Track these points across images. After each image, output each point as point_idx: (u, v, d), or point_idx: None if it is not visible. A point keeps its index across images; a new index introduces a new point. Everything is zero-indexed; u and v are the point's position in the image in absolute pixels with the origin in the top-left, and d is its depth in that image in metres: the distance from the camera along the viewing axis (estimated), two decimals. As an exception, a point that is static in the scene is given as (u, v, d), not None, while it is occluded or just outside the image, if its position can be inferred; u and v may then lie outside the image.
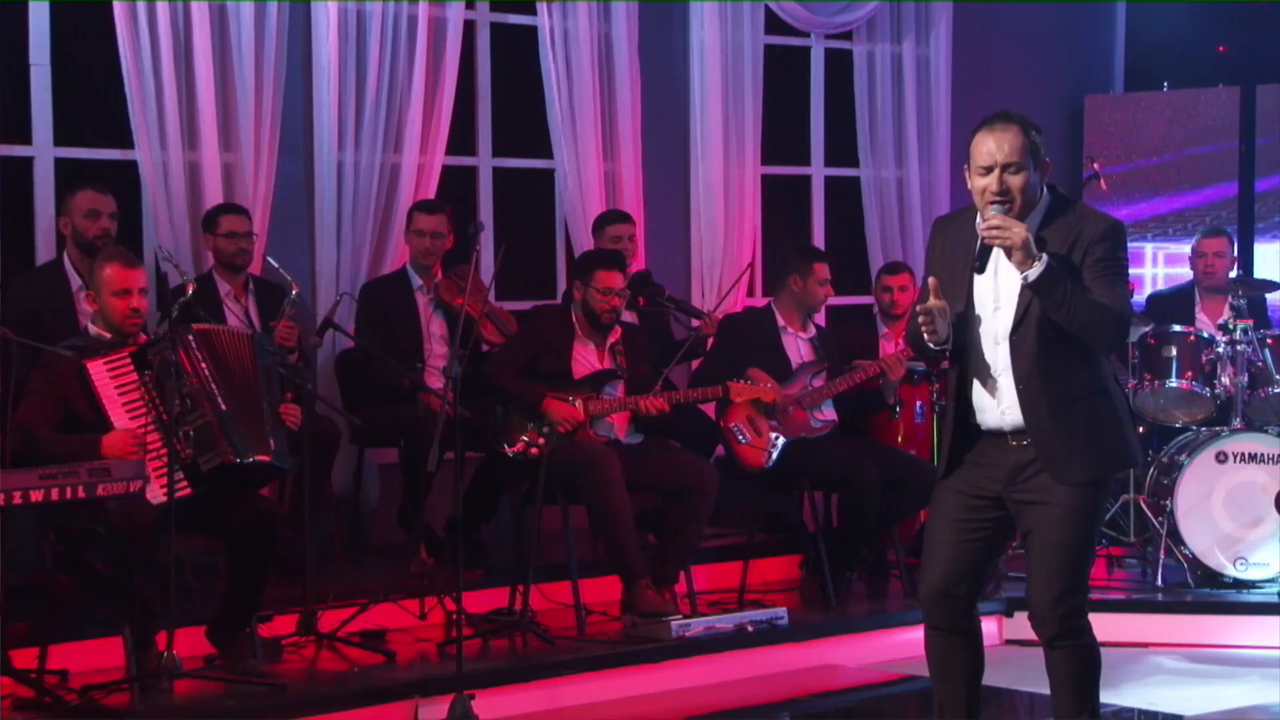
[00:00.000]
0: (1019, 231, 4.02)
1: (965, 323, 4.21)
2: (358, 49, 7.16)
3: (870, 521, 6.74)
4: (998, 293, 4.19)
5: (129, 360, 5.27)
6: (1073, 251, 4.09)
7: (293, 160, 7.14)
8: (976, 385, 4.21)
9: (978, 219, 4.19)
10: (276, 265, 6.35)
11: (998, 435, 4.21)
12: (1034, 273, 4.01)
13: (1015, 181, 4.11)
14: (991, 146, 4.12)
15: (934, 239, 4.38)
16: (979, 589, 4.30)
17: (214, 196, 6.80)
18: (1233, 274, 7.74)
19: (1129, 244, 4.41)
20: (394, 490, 6.99)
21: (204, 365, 5.35)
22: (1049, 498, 4.13)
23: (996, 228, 4.03)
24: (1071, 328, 4.05)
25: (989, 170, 4.12)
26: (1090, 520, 4.17)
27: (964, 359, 4.23)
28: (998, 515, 4.23)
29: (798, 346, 7.01)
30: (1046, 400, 4.11)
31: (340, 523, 6.93)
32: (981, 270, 4.13)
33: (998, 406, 4.19)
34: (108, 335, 5.39)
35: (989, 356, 4.19)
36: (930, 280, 4.19)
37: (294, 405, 5.63)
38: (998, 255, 4.14)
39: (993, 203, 4.10)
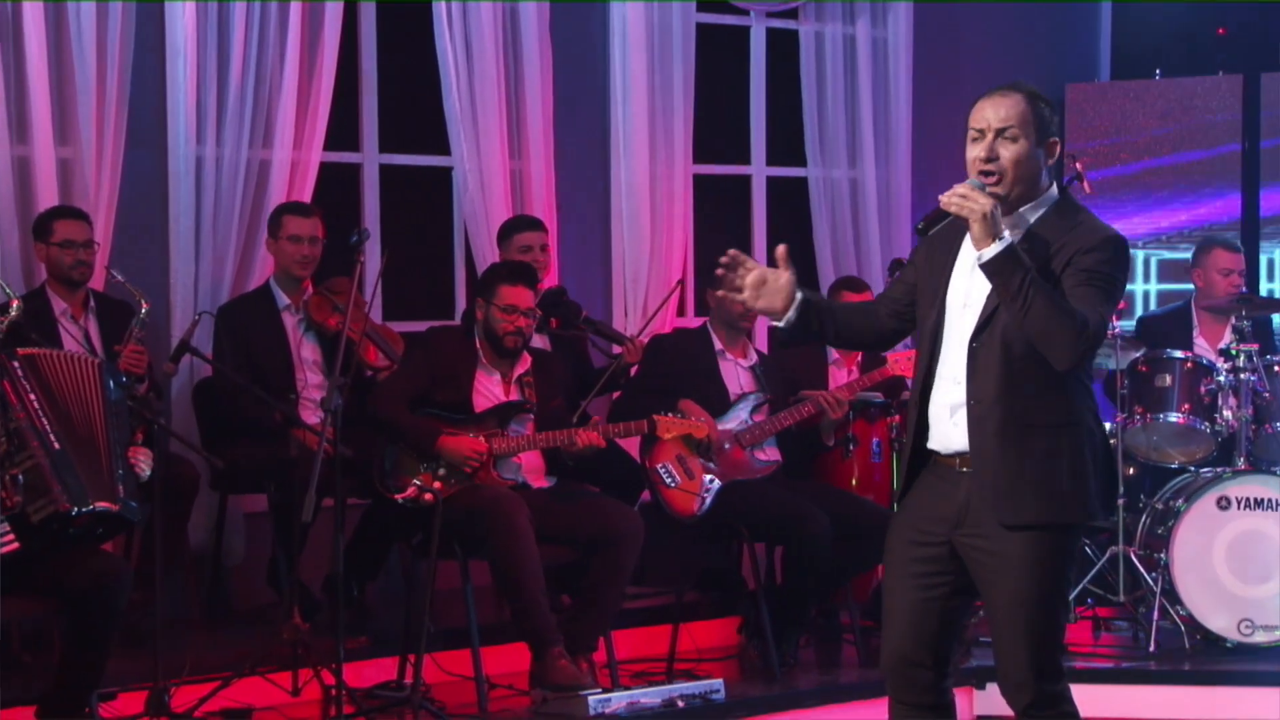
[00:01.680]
0: (983, 202, 4.04)
1: (936, 324, 4.25)
2: (219, 26, 7.11)
3: (820, 577, 6.74)
4: (969, 290, 4.22)
5: (-60, 392, 5.19)
6: (1055, 258, 4.12)
7: (142, 155, 7.08)
8: (935, 395, 4.25)
9: None
10: (122, 279, 6.28)
11: (946, 459, 4.24)
12: (990, 252, 4.02)
13: (1007, 151, 4.14)
14: (987, 111, 4.17)
15: (923, 242, 4.41)
16: (948, 655, 4.31)
17: (48, 198, 6.73)
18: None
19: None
20: (262, 544, 6.94)
21: (33, 397, 5.27)
22: (1002, 545, 4.13)
23: (960, 195, 4.06)
24: (1024, 328, 4.05)
25: (980, 135, 4.17)
26: (1055, 569, 4.17)
27: (928, 365, 4.27)
28: (958, 565, 4.24)
29: (737, 374, 7.02)
30: (998, 421, 4.12)
31: (198, 582, 6.86)
32: (924, 231, 4.18)
33: (949, 419, 4.22)
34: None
35: (953, 361, 4.22)
36: (779, 248, 4.37)
37: (144, 449, 5.55)
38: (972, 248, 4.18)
39: (981, 171, 4.15)
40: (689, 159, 8.37)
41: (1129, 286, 9.01)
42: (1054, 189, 4.22)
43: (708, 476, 6.72)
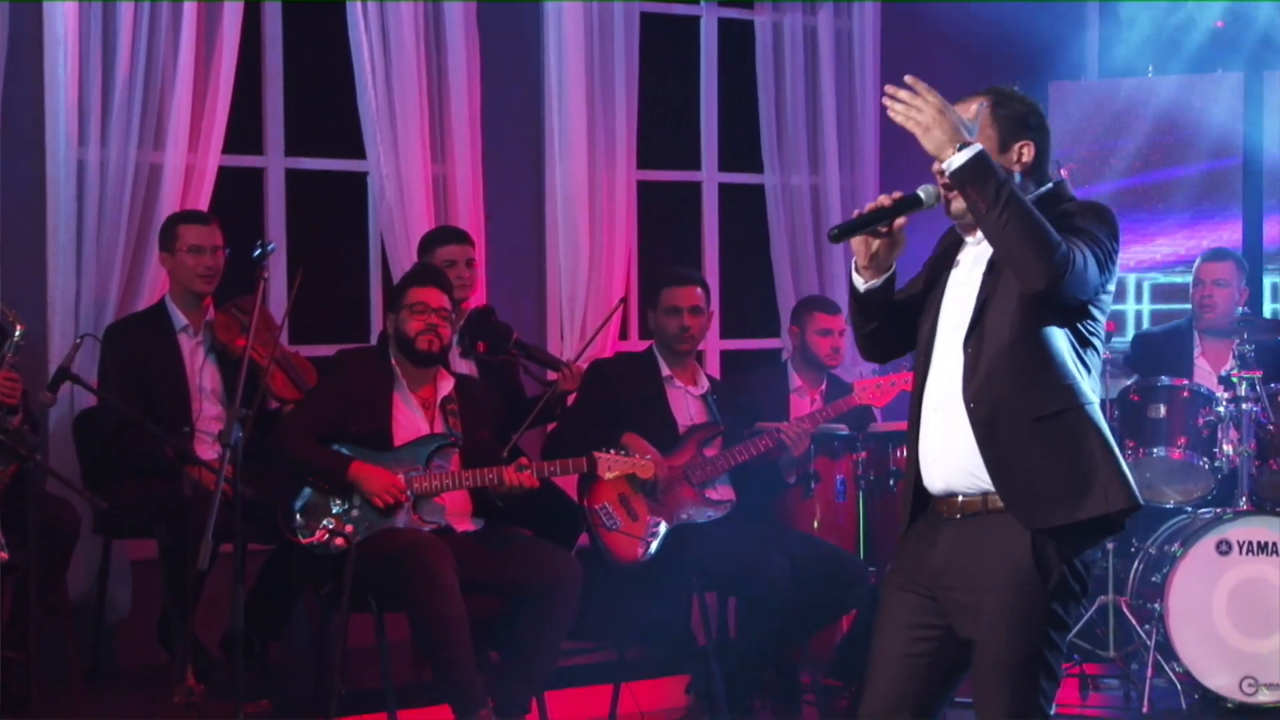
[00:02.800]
0: (934, 105, 4.03)
1: (928, 351, 4.29)
2: (104, 19, 7.08)
3: (778, 631, 6.73)
4: (960, 308, 4.25)
5: None
6: None
7: (17, 159, 7.05)
8: (924, 428, 4.28)
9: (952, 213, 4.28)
10: (-6, 297, 6.24)
11: (937, 502, 4.27)
12: (958, 160, 4.01)
13: None
14: None
15: (934, 252, 4.47)
16: (931, 717, 4.31)
17: (-89, 206, 6.69)
18: (1239, 311, 7.78)
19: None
20: (152, 595, 6.88)
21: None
22: (980, 598, 4.15)
23: (904, 101, 4.04)
24: (1002, 242, 4.04)
25: None
26: (1037, 632, 4.15)
27: (921, 395, 4.30)
28: (946, 623, 4.25)
29: (687, 404, 7.02)
30: (1005, 417, 4.14)
31: (79, 638, 6.79)
32: (836, 239, 4.22)
33: (934, 455, 4.25)
34: None
35: (939, 391, 4.25)
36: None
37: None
38: (979, 258, 4.22)
39: (942, 184, 4.17)
40: (632, 164, 8.37)
41: (1121, 307, 9.05)
42: (1040, 191, 4.24)
43: (653, 518, 6.71)
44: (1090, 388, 4.22)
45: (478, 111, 7.94)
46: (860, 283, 4.31)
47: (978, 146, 4.03)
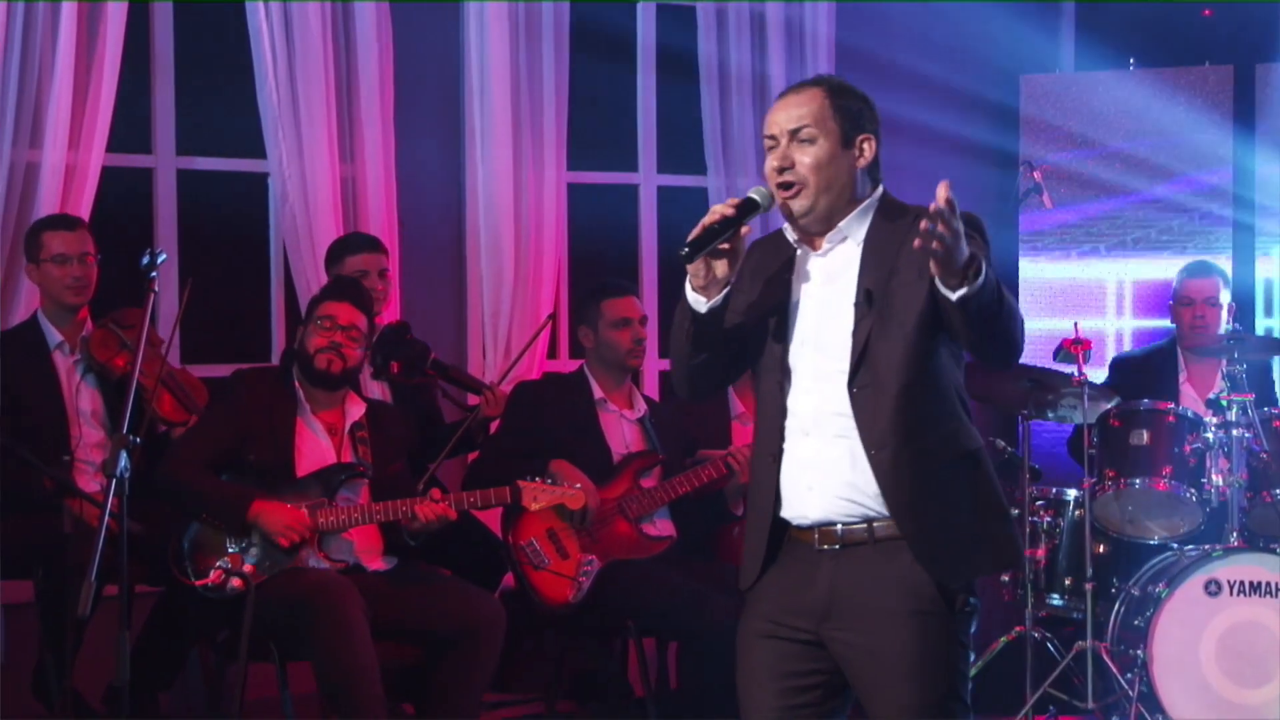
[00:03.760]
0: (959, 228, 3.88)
1: (782, 369, 4.27)
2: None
3: (724, 680, 6.71)
4: (820, 326, 4.25)
5: None
6: (901, 257, 4.12)
7: (-122, 157, 7.00)
8: (786, 453, 4.26)
9: (786, 229, 4.32)
10: None
11: (803, 534, 4.24)
12: (979, 282, 3.90)
13: (805, 156, 4.20)
14: (779, 115, 4.25)
15: (743, 267, 4.42)
16: None
17: None
18: (1226, 328, 7.79)
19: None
20: (27, 642, 6.86)
21: None
22: (877, 638, 4.14)
23: (948, 231, 3.83)
24: (994, 337, 4.03)
25: (775, 143, 4.24)
26: (946, 667, 4.16)
27: (778, 417, 4.27)
28: (828, 667, 4.24)
29: (622, 429, 7.01)
30: (907, 463, 4.13)
31: (-54, 692, 6.76)
32: (689, 257, 4.21)
33: (802, 482, 4.23)
34: None
35: (802, 412, 4.23)
36: None
37: None
38: (831, 271, 4.24)
39: (778, 185, 4.21)
40: (562, 165, 8.38)
41: (1098, 321, 9.08)
42: (878, 192, 4.28)
43: (585, 556, 6.70)
44: (971, 424, 4.25)
45: (390, 106, 7.93)
46: (702, 304, 4.25)
47: (982, 262, 3.93)
